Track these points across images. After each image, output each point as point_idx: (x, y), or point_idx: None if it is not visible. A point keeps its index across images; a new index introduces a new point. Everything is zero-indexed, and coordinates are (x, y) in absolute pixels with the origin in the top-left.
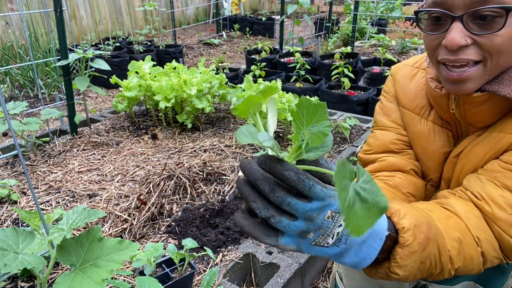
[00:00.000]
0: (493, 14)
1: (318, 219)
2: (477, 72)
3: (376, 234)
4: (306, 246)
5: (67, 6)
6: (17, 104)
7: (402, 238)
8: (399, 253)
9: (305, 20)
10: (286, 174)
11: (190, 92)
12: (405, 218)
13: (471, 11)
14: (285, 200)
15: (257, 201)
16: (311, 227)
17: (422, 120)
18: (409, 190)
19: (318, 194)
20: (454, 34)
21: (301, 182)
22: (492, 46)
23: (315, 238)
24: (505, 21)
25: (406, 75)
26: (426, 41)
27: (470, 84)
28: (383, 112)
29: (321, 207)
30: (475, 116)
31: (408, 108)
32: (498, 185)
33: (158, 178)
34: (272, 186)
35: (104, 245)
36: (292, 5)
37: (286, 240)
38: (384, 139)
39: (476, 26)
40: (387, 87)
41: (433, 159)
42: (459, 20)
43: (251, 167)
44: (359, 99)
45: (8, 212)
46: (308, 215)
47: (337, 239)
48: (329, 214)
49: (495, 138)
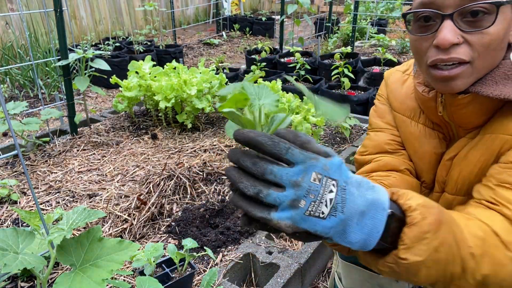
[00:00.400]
0: (483, 10)
1: (305, 183)
2: (467, 71)
3: (377, 204)
4: (300, 218)
5: (67, 6)
6: (17, 104)
7: (409, 217)
8: (406, 233)
9: (305, 20)
10: (260, 139)
11: (190, 92)
12: (412, 199)
13: (461, 9)
14: (267, 168)
15: (243, 180)
16: (300, 193)
17: (413, 123)
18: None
19: (297, 157)
20: (446, 32)
21: (277, 145)
22: (481, 45)
23: (308, 206)
24: (495, 18)
25: (398, 80)
26: (415, 44)
27: (459, 81)
28: (377, 114)
29: (303, 169)
30: (462, 118)
31: (399, 111)
32: (508, 186)
33: (158, 178)
34: (254, 159)
35: (104, 245)
36: (292, 5)
37: (279, 214)
38: (378, 139)
39: (466, 24)
40: (381, 90)
41: (425, 160)
42: (449, 18)
43: (235, 150)
44: (359, 99)
45: (8, 212)
46: (294, 181)
47: (332, 207)
48: (314, 176)
49: (488, 140)
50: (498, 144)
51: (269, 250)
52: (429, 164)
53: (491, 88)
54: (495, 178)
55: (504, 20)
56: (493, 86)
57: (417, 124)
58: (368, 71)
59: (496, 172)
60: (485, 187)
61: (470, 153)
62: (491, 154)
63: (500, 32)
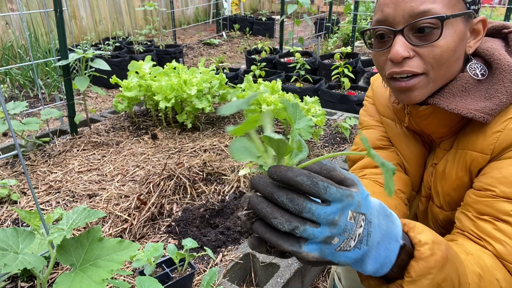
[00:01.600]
0: (430, 26)
1: (341, 222)
2: (422, 82)
3: (391, 235)
4: (330, 253)
5: (67, 6)
6: (17, 104)
7: (418, 252)
8: (413, 266)
9: (305, 20)
10: (299, 179)
11: (190, 92)
12: (423, 234)
13: (409, 24)
14: (305, 206)
15: (277, 216)
16: (335, 231)
17: (397, 125)
18: (399, 187)
19: (335, 195)
20: (397, 47)
21: (316, 185)
22: (433, 57)
23: (340, 243)
24: (441, 32)
25: (381, 85)
26: (375, 58)
27: (416, 92)
28: (367, 113)
29: (341, 208)
30: (427, 128)
31: (384, 114)
32: (486, 218)
33: (158, 178)
34: (290, 195)
35: (104, 245)
36: (292, 5)
37: (309, 247)
38: (370, 136)
39: (417, 38)
40: (369, 93)
41: (412, 163)
42: (400, 34)
43: (264, 181)
44: (359, 99)
45: (8, 212)
46: (331, 219)
47: (358, 240)
48: (350, 215)
49: (460, 156)
50: (468, 160)
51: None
52: (416, 166)
53: (448, 100)
54: (473, 208)
55: (454, 33)
56: (450, 99)
57: (401, 127)
58: (368, 71)
59: (473, 201)
60: (465, 217)
61: (447, 168)
62: (465, 170)
63: (450, 45)
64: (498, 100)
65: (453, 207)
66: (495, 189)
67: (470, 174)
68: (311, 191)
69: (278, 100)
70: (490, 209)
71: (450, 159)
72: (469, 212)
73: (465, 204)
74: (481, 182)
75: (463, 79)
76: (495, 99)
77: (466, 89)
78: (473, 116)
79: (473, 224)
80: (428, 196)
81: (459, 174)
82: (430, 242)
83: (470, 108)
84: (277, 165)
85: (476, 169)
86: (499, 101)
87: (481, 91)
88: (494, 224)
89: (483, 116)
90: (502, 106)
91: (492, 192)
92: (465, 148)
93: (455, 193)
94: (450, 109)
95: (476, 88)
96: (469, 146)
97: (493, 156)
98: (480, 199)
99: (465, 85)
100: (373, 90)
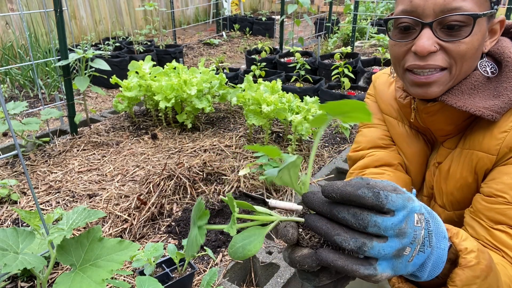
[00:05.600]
0: (460, 24)
1: (410, 229)
2: (443, 77)
3: (440, 233)
4: (403, 266)
5: (67, 6)
6: (17, 104)
7: (464, 259)
8: (459, 275)
9: (305, 20)
10: (360, 193)
11: (190, 92)
12: (468, 241)
13: (440, 18)
14: (370, 220)
15: (341, 233)
16: (406, 241)
17: (400, 124)
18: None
19: (397, 203)
20: (424, 40)
21: (378, 197)
22: (458, 53)
23: (412, 253)
24: (471, 29)
25: (384, 82)
26: (394, 49)
27: (435, 87)
28: None
29: (406, 214)
30: (433, 125)
31: (386, 113)
32: (501, 228)
33: (158, 178)
34: (353, 210)
35: (104, 245)
36: (292, 5)
37: (382, 267)
38: (372, 135)
39: (444, 33)
40: (370, 91)
41: (414, 161)
42: (428, 27)
43: (320, 198)
44: (359, 99)
45: (8, 212)
46: (399, 229)
47: (422, 244)
48: (417, 218)
49: (466, 156)
50: (474, 160)
51: (269, 250)
52: (417, 165)
53: (457, 98)
54: (485, 215)
55: (480, 31)
56: (458, 96)
57: (403, 126)
58: (368, 71)
59: (485, 208)
60: (478, 225)
61: (451, 168)
62: (470, 170)
63: (475, 42)
64: (507, 98)
65: (456, 207)
66: (507, 196)
67: (475, 175)
68: (374, 203)
69: (277, 100)
70: (504, 217)
71: (455, 158)
72: (482, 221)
73: (476, 211)
74: (491, 188)
75: (473, 77)
76: (504, 97)
77: (476, 87)
78: (481, 114)
79: (488, 233)
80: (430, 195)
81: (463, 174)
82: (476, 250)
83: (478, 106)
84: (331, 182)
85: (481, 169)
86: (508, 99)
87: (490, 89)
88: (509, 234)
89: (491, 114)
90: (511, 104)
91: (504, 198)
92: (471, 148)
93: (459, 193)
94: (459, 107)
95: (485, 86)
96: (476, 146)
97: (499, 157)
98: (492, 206)
99: (475, 83)
100: (376, 88)
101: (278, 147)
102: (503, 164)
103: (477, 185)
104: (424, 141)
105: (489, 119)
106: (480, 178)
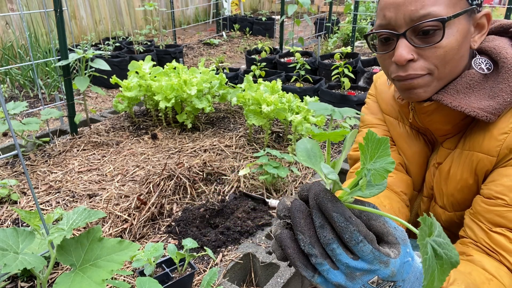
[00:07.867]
0: (432, 28)
1: (360, 280)
2: (425, 80)
3: None
4: None
5: (67, 6)
6: (17, 104)
7: None
8: None
9: (305, 20)
10: (334, 216)
11: (190, 92)
12: (454, 285)
13: (411, 28)
14: (330, 244)
15: (305, 233)
16: (350, 285)
17: (400, 124)
18: (401, 189)
19: (365, 255)
20: (401, 50)
21: (347, 232)
22: (436, 58)
23: None
24: (443, 33)
25: (385, 82)
26: (380, 60)
27: (420, 90)
28: (370, 111)
29: (367, 270)
30: (430, 124)
31: (387, 113)
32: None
33: (158, 178)
34: (323, 222)
35: (104, 245)
36: (292, 5)
37: (321, 281)
38: None
39: (420, 41)
40: (372, 91)
41: (414, 162)
42: (403, 37)
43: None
44: (359, 99)
45: (8, 212)
46: (349, 272)
47: None
48: (374, 280)
49: (466, 157)
50: (474, 162)
51: (269, 250)
52: (417, 165)
53: (452, 97)
54: (484, 217)
55: (457, 32)
56: (454, 95)
57: (404, 126)
58: (368, 71)
59: (484, 210)
60: (477, 227)
61: (452, 169)
62: (470, 172)
63: (453, 44)
64: (502, 100)
65: (456, 208)
66: (506, 198)
67: (476, 176)
68: (341, 235)
69: (278, 100)
70: (503, 219)
71: (455, 159)
72: (481, 223)
73: (475, 212)
74: (491, 190)
75: (468, 76)
76: (499, 98)
77: (471, 86)
78: (476, 114)
79: (487, 236)
80: (430, 196)
81: (464, 175)
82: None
83: (473, 106)
84: (327, 190)
85: (482, 171)
86: (503, 101)
87: (486, 89)
88: (508, 237)
89: (486, 115)
90: (506, 105)
91: (503, 200)
92: (471, 149)
93: (459, 194)
94: (454, 106)
95: (481, 85)
96: (476, 147)
97: (499, 159)
98: (491, 208)
99: (470, 82)
100: (377, 88)
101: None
102: (503, 165)
103: (477, 186)
104: (425, 141)
105: (483, 120)
106: (480, 179)
